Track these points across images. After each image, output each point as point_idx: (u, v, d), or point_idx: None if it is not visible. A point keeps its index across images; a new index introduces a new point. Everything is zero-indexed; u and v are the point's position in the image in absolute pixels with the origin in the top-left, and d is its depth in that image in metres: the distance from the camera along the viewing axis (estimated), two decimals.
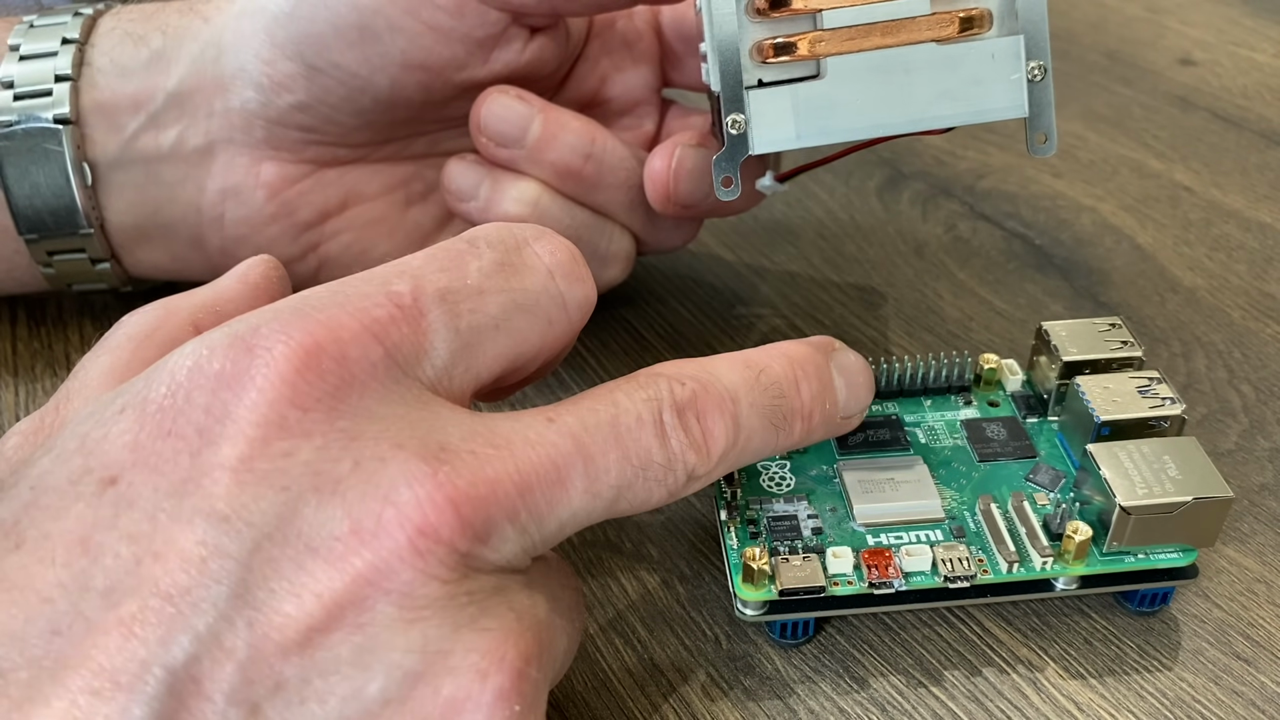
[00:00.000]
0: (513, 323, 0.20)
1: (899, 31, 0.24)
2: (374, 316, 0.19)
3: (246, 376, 0.18)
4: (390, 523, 0.17)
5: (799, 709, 0.24)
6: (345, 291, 0.19)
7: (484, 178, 0.31)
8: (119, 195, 0.31)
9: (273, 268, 0.24)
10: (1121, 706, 0.24)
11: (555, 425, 0.19)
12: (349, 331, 0.18)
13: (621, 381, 0.21)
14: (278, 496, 0.17)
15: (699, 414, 0.21)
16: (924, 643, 0.25)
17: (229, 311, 0.22)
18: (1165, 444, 0.25)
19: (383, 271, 0.20)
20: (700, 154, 0.29)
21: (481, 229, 0.21)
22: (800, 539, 0.25)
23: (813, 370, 0.23)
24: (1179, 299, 0.36)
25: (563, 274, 0.21)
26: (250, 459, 0.17)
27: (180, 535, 0.17)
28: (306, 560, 0.17)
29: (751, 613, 0.24)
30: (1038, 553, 0.24)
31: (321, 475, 0.17)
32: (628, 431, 0.20)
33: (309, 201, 0.31)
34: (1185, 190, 0.41)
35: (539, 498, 0.19)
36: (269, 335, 0.18)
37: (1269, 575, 0.27)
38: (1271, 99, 0.47)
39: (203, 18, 0.31)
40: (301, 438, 0.18)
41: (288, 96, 0.29)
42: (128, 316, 0.22)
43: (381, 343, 0.19)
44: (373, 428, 0.18)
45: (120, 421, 0.18)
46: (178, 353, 0.18)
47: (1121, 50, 0.51)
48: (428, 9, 0.28)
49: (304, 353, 0.18)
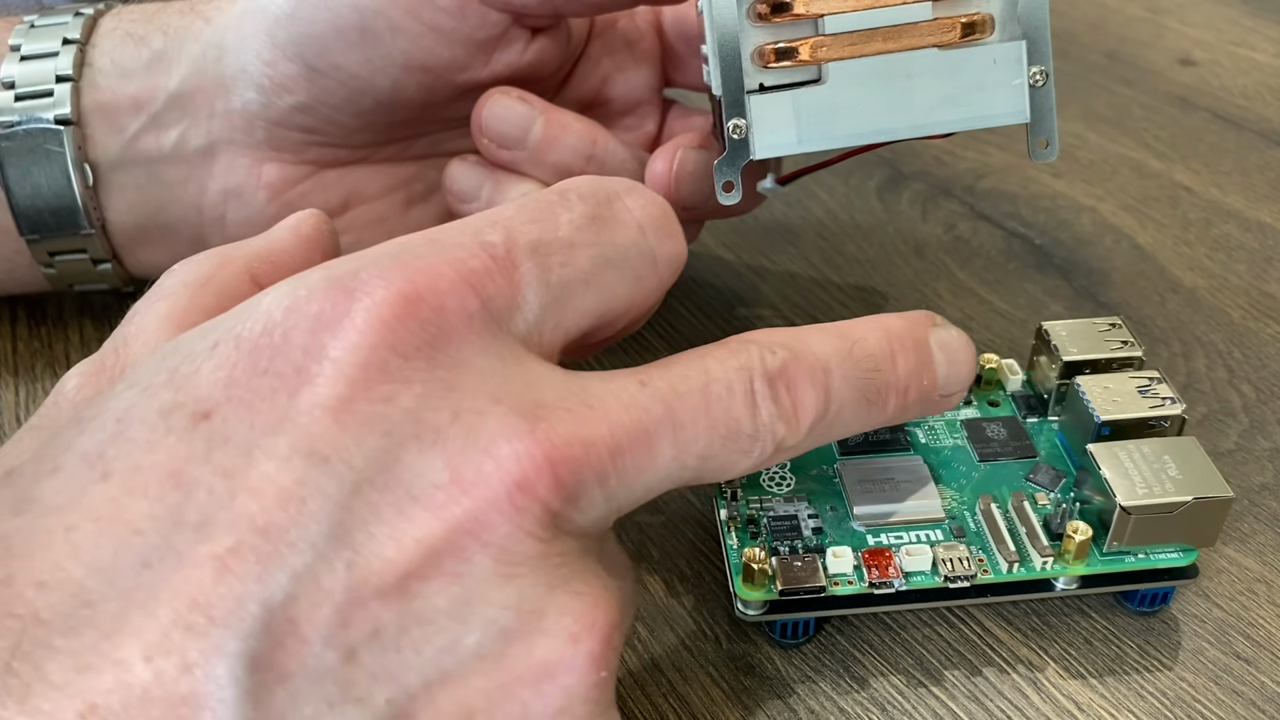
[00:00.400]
0: (602, 277, 0.20)
1: (901, 37, 0.23)
2: (470, 267, 0.18)
3: (346, 319, 0.17)
4: (490, 475, 0.17)
5: (799, 709, 0.24)
6: (441, 240, 0.19)
7: (485, 179, 0.31)
8: (120, 196, 0.31)
9: (323, 221, 0.24)
10: (1122, 706, 0.24)
11: (648, 389, 0.19)
12: (447, 281, 0.18)
13: (713, 347, 0.21)
14: (379, 441, 0.17)
15: (789, 383, 0.20)
16: (924, 642, 0.25)
17: (283, 262, 0.22)
18: (1165, 444, 0.25)
19: (475, 222, 0.20)
20: (701, 156, 0.29)
21: (572, 181, 0.21)
22: (800, 539, 0.25)
23: (911, 344, 0.22)
24: (1179, 299, 0.36)
25: (654, 229, 0.21)
26: (351, 400, 0.17)
27: (278, 473, 0.16)
28: (407, 506, 0.17)
29: (752, 613, 0.24)
30: (1038, 552, 0.24)
31: (422, 423, 0.17)
32: (718, 400, 0.20)
33: (310, 202, 0.31)
34: (1185, 190, 0.41)
35: (629, 462, 0.19)
36: (369, 280, 0.18)
37: (1269, 575, 0.27)
38: (1271, 99, 0.47)
39: (204, 18, 0.31)
40: (402, 384, 0.17)
41: (289, 98, 0.29)
42: (180, 265, 0.22)
43: (478, 294, 0.18)
44: (470, 379, 0.18)
45: (213, 357, 0.18)
46: (271, 293, 0.18)
47: (1121, 50, 0.51)
48: (429, 10, 0.28)
49: (404, 299, 0.18)
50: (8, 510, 0.17)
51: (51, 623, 0.16)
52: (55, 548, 0.16)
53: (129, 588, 0.16)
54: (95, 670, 0.15)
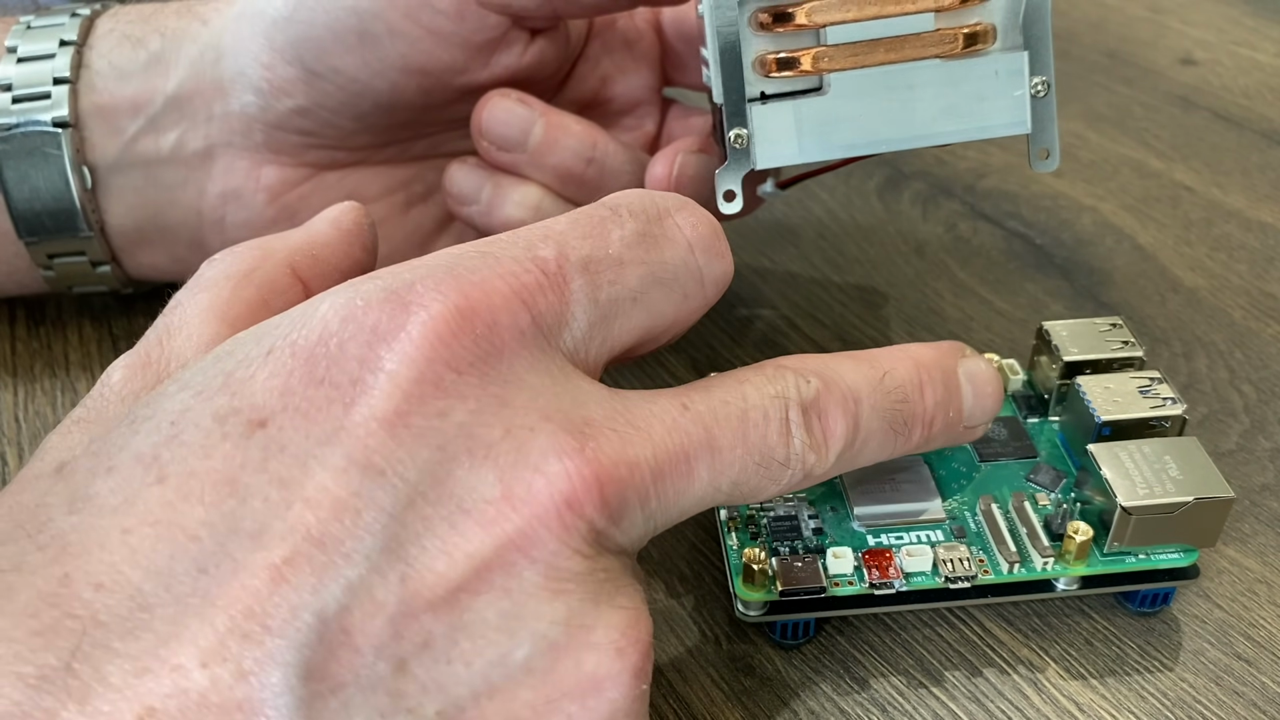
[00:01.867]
0: (650, 296, 0.20)
1: (903, 47, 0.23)
2: (523, 282, 0.19)
3: (403, 331, 0.17)
4: (541, 491, 0.17)
5: (799, 709, 0.24)
6: (494, 253, 0.19)
7: (485, 181, 0.31)
8: (119, 198, 0.31)
9: (363, 214, 0.24)
10: (1122, 707, 0.24)
11: (689, 413, 0.19)
12: (500, 296, 0.18)
13: (749, 373, 0.21)
14: (433, 455, 0.17)
15: (821, 413, 0.21)
16: (925, 643, 0.25)
17: (325, 257, 0.23)
18: (1166, 444, 0.25)
19: (527, 235, 0.20)
20: (702, 160, 0.29)
21: (624, 196, 0.21)
22: (801, 539, 0.25)
23: (939, 375, 0.23)
24: (1180, 299, 0.36)
25: (703, 248, 0.21)
26: (406, 414, 0.17)
27: (333, 484, 0.17)
28: (459, 520, 0.17)
29: (752, 613, 0.24)
30: (1038, 553, 0.24)
31: (475, 438, 0.17)
32: (754, 427, 0.20)
33: (310, 205, 0.31)
34: (1186, 190, 0.41)
35: (669, 485, 0.19)
36: (424, 292, 0.18)
37: (1270, 575, 0.26)
38: (1273, 99, 0.47)
39: (201, 20, 0.31)
40: (456, 399, 0.17)
41: (287, 101, 0.29)
42: (220, 255, 0.22)
43: (530, 309, 0.18)
44: (521, 395, 0.18)
45: (269, 364, 0.18)
46: (327, 299, 0.18)
47: (1122, 50, 0.51)
48: (427, 13, 0.28)
49: (459, 314, 0.18)
50: (63, 506, 0.17)
51: (110, 625, 0.16)
52: (112, 549, 0.16)
53: (185, 593, 0.16)
54: (153, 674, 0.16)
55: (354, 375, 0.17)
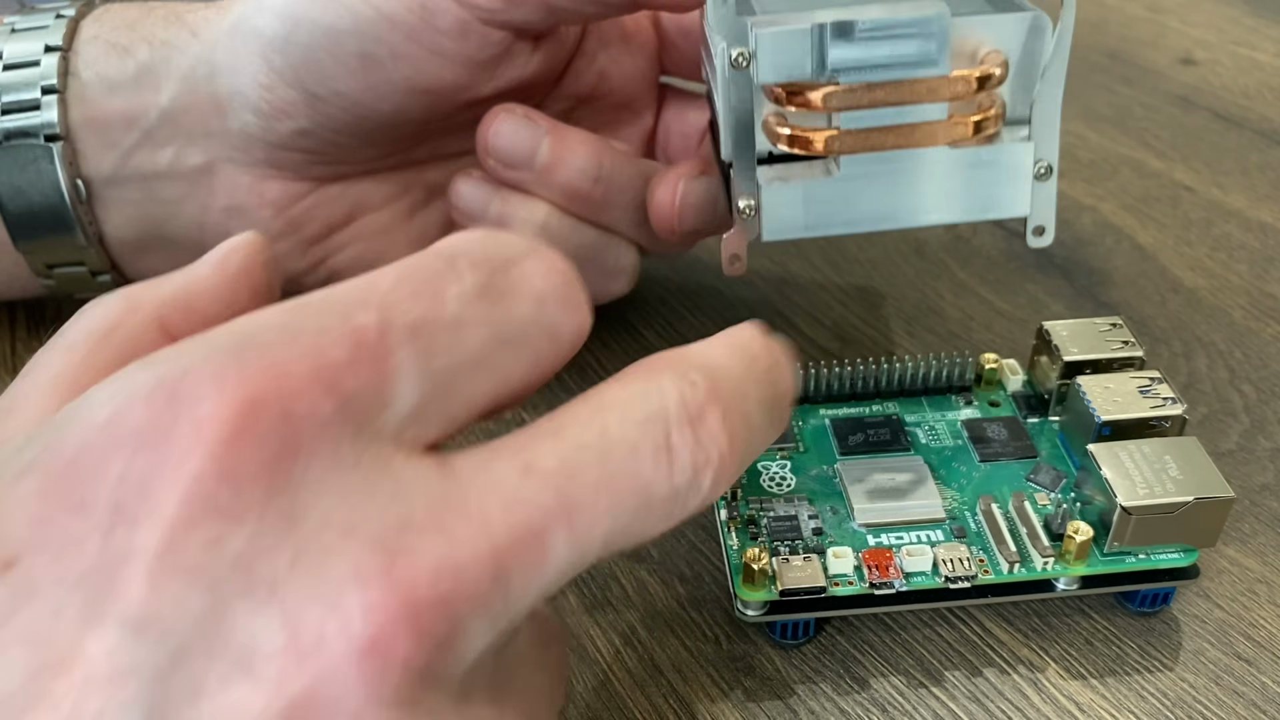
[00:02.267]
0: (495, 360, 0.17)
1: (914, 134, 0.23)
2: (329, 359, 0.15)
3: (170, 437, 0.15)
4: (334, 638, 0.14)
5: (799, 710, 0.24)
6: (297, 325, 0.16)
7: (492, 197, 0.30)
8: (117, 211, 0.31)
9: (256, 251, 0.21)
10: (1123, 707, 0.24)
11: (534, 478, 0.16)
12: (297, 380, 0.15)
13: (614, 392, 0.18)
14: (202, 598, 0.14)
15: (712, 420, 0.17)
16: (925, 643, 0.25)
17: (201, 307, 0.20)
18: (1166, 444, 0.25)
19: (344, 296, 0.17)
20: (704, 185, 0.29)
21: (463, 241, 0.18)
22: (801, 539, 0.25)
23: (779, 354, 0.20)
24: (1180, 299, 0.36)
25: (556, 300, 0.18)
26: (171, 549, 0.14)
27: (89, 642, 0.14)
28: (236, 679, 0.14)
29: (752, 613, 0.24)
30: (1039, 553, 0.24)
31: (254, 572, 0.14)
32: (622, 467, 0.17)
33: (315, 216, 0.31)
34: (1186, 190, 0.41)
35: (515, 576, 0.16)
36: (199, 384, 0.15)
37: (1270, 575, 0.26)
38: (1273, 98, 0.47)
39: (191, 30, 0.30)
40: (232, 522, 0.14)
41: (289, 122, 0.29)
42: (88, 307, 0.19)
43: (335, 393, 0.15)
44: (318, 506, 0.15)
45: (23, 484, 0.15)
46: (94, 396, 0.15)
47: (1122, 50, 0.51)
48: (430, 34, 0.27)
49: (240, 409, 0.15)
50: None
51: None
52: None
53: None
54: None
55: (114, 499, 0.14)
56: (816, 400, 0.29)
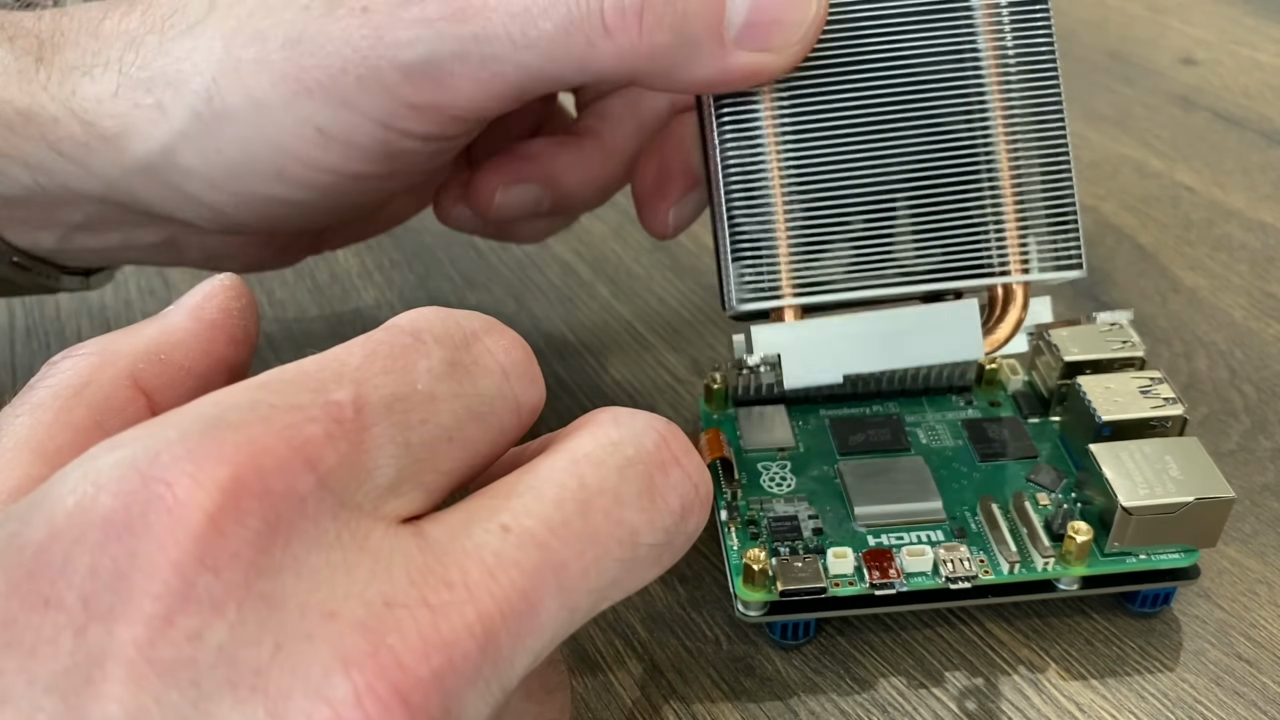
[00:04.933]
0: (467, 433, 0.17)
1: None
2: (306, 436, 0.15)
3: (144, 523, 0.14)
4: None
5: (800, 710, 0.24)
6: (269, 401, 0.15)
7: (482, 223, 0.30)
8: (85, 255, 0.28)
9: (233, 298, 0.20)
10: (1123, 707, 0.24)
11: (514, 536, 0.16)
12: (274, 458, 0.15)
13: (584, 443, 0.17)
14: (185, 695, 0.14)
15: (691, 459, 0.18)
16: (925, 644, 0.25)
17: (176, 359, 0.19)
18: (1167, 444, 0.25)
19: (317, 373, 0.16)
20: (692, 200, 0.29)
21: (424, 317, 0.18)
22: (801, 540, 0.25)
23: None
24: (1180, 299, 0.36)
25: (518, 374, 0.18)
26: (150, 645, 0.14)
27: None
28: None
29: (752, 614, 0.24)
30: (1039, 553, 0.24)
31: (237, 665, 0.14)
32: (605, 517, 0.16)
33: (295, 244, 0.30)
34: (1187, 190, 0.41)
35: (504, 643, 0.15)
36: (172, 465, 0.14)
37: (1271, 576, 0.26)
38: (1273, 98, 0.47)
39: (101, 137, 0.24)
40: (212, 612, 0.14)
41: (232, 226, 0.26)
42: (57, 360, 0.19)
43: (314, 469, 0.15)
44: (300, 588, 0.14)
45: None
46: (59, 483, 0.15)
47: (1123, 50, 0.51)
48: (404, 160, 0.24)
49: (218, 490, 0.14)
50: None
51: None
52: None
53: None
54: None
55: (85, 593, 0.14)
56: (817, 400, 0.29)
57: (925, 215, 0.23)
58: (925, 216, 0.23)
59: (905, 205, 0.23)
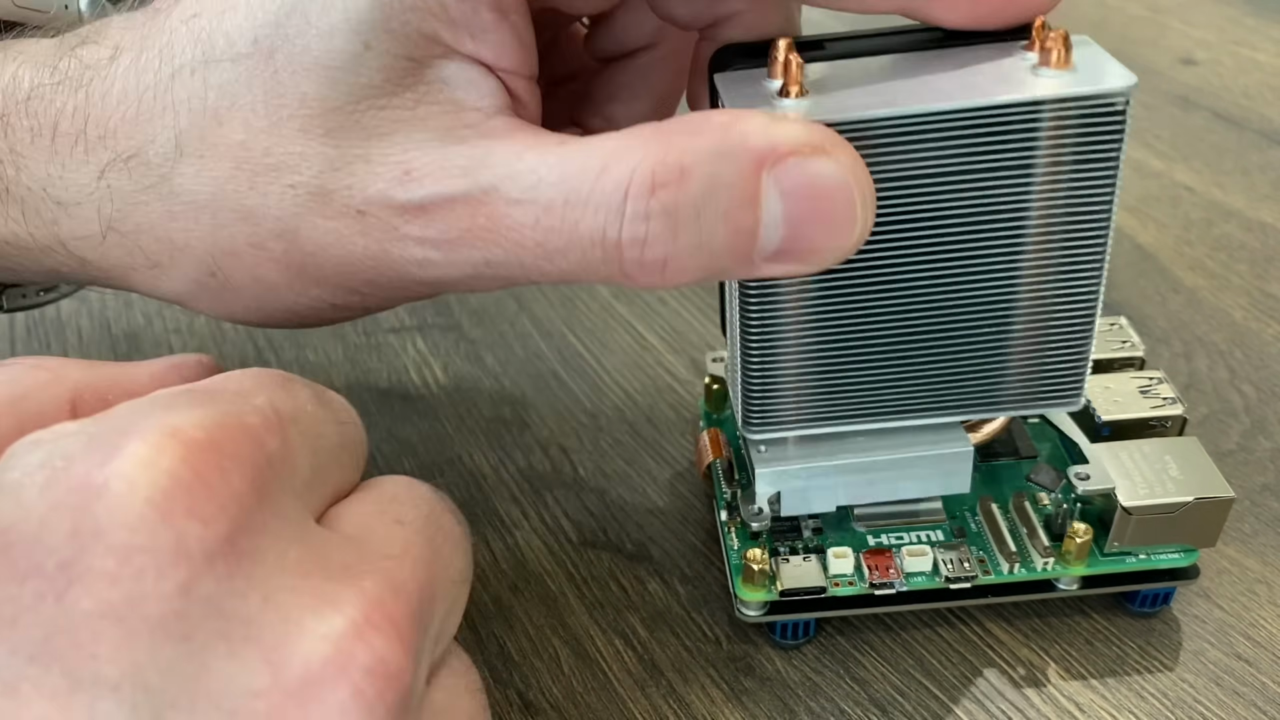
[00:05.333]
0: (341, 457, 0.18)
1: None
2: (250, 424, 0.16)
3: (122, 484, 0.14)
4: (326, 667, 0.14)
5: (799, 710, 0.24)
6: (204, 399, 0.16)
7: None
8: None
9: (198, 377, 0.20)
10: (1123, 707, 0.24)
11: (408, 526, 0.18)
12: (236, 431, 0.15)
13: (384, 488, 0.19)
14: (178, 648, 0.14)
15: None
16: (925, 643, 0.25)
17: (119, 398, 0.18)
18: (1166, 444, 0.25)
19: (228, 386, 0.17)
20: None
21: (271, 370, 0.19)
22: (801, 539, 0.25)
23: None
24: (1180, 299, 0.36)
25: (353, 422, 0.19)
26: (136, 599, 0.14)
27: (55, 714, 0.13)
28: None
29: (752, 613, 0.24)
30: (1039, 553, 0.24)
31: (227, 615, 0.14)
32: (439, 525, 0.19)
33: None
34: (1186, 190, 0.41)
35: (440, 600, 0.17)
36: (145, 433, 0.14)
37: (1270, 576, 0.26)
38: (1273, 98, 0.47)
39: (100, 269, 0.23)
40: (200, 565, 0.14)
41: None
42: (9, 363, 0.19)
43: (264, 449, 0.16)
44: (273, 548, 0.15)
45: None
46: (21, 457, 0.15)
47: (1123, 50, 0.51)
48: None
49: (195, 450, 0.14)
50: None
51: None
52: None
53: None
54: None
55: (64, 557, 0.14)
56: None
57: (941, 360, 0.22)
58: (941, 361, 0.22)
59: (921, 351, 0.22)
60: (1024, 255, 0.21)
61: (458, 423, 0.32)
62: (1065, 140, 0.20)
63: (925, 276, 0.21)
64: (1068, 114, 0.20)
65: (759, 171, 0.18)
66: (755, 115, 0.18)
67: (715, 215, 0.18)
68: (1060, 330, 0.22)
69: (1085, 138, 0.20)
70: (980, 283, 0.21)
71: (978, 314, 0.22)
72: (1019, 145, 0.20)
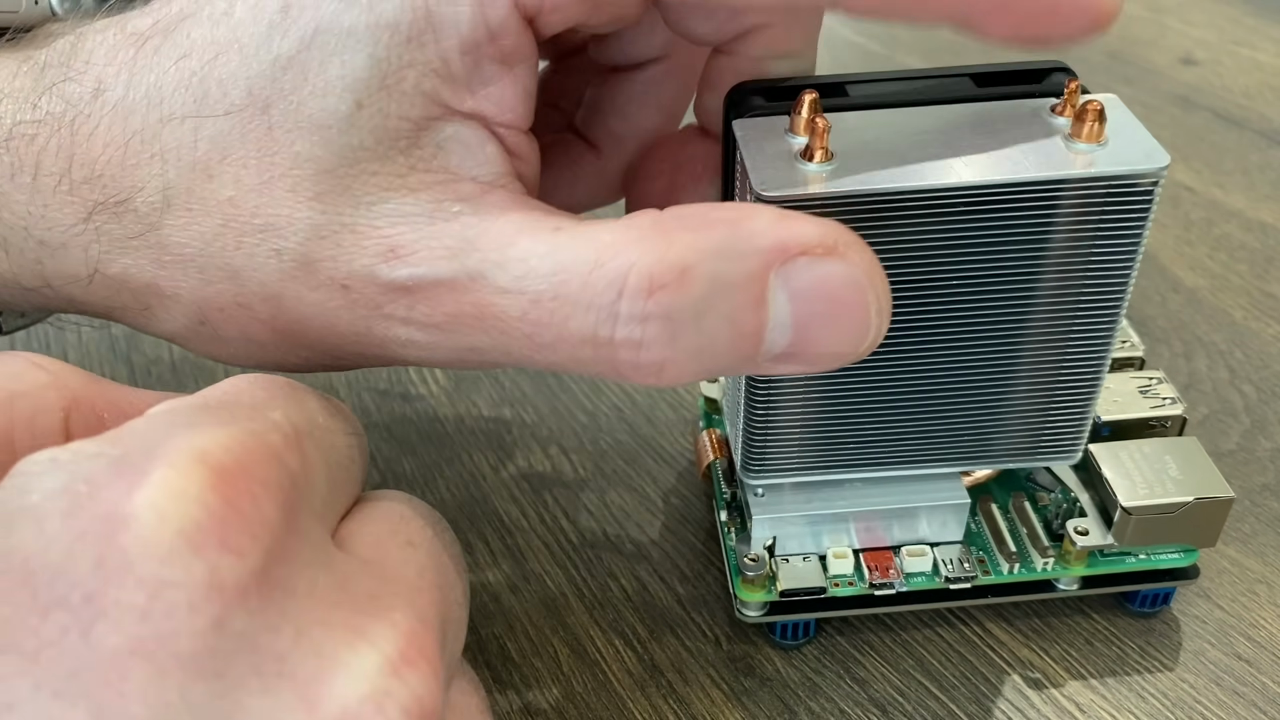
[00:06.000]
0: (350, 473, 0.18)
1: None
2: (270, 441, 0.15)
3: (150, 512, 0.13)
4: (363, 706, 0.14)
5: (799, 710, 0.24)
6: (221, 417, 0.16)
7: None
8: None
9: None
10: (1123, 707, 0.24)
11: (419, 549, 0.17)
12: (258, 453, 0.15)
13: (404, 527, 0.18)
14: (210, 687, 0.13)
15: None
16: (925, 643, 0.25)
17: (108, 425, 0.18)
18: (1166, 444, 0.25)
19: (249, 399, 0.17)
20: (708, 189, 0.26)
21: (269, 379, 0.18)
22: None
23: None
24: (1180, 299, 0.36)
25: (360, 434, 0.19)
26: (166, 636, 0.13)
27: None
28: None
29: (752, 614, 0.24)
30: (1038, 553, 0.24)
31: (260, 651, 0.14)
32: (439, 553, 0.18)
33: None
34: (1186, 190, 0.41)
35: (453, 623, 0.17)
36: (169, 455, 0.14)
37: (1270, 576, 0.26)
38: (1273, 98, 0.47)
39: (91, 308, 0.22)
40: (235, 598, 0.13)
41: None
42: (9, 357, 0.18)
43: (286, 469, 0.15)
44: (303, 576, 0.15)
45: None
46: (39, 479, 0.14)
47: (1123, 50, 0.51)
48: None
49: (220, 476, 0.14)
50: None
51: None
52: None
53: None
54: None
55: (89, 590, 0.13)
56: None
57: (944, 415, 0.22)
58: (943, 416, 0.22)
59: (924, 406, 0.22)
60: (1034, 320, 0.21)
61: (458, 423, 0.32)
62: (1089, 214, 0.20)
63: (933, 336, 0.21)
64: (1095, 190, 0.19)
65: (767, 272, 0.17)
66: (763, 211, 0.17)
67: (718, 317, 0.17)
68: (1065, 391, 0.22)
69: (1111, 213, 0.20)
70: (988, 344, 0.21)
71: (983, 373, 0.22)
72: (1041, 217, 0.20)
